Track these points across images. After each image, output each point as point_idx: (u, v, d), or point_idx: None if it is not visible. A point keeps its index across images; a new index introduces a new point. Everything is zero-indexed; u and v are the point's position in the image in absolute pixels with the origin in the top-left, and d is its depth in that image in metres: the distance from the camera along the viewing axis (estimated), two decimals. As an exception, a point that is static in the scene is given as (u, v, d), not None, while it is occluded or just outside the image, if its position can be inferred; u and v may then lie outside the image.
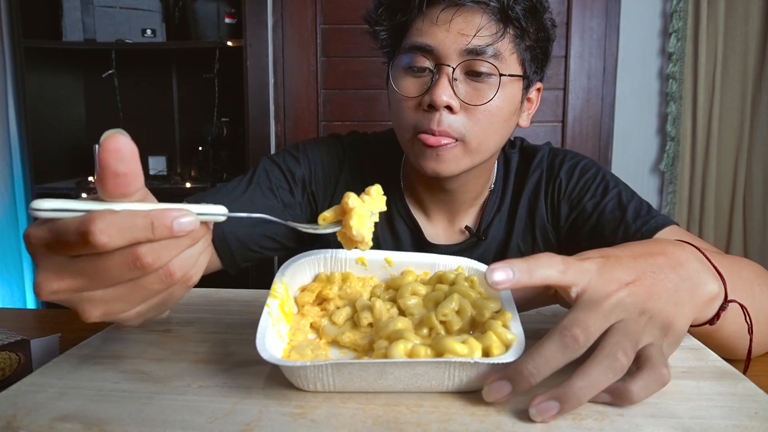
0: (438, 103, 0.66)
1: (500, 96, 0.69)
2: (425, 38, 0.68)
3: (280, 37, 2.13)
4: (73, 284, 0.34)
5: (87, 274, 0.34)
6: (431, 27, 0.68)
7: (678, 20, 1.99)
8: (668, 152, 2.07)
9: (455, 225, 0.83)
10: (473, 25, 0.66)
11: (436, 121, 0.67)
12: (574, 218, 0.79)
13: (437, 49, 0.67)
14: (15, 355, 0.51)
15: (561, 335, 0.38)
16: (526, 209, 0.82)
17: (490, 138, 0.71)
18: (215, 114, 2.02)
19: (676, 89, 2.02)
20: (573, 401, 0.36)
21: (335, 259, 0.54)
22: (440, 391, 0.40)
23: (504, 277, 0.39)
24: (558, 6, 2.08)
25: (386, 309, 0.47)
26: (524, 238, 0.82)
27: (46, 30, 2.02)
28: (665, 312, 0.41)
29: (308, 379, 0.39)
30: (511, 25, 0.68)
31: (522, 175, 0.84)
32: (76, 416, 0.37)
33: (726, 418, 0.37)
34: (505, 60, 0.68)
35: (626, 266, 0.42)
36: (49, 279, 0.34)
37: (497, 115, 0.70)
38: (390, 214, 0.82)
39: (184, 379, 0.42)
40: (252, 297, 0.62)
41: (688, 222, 2.05)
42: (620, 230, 0.73)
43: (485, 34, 0.66)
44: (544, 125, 2.15)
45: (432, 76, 0.68)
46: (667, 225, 0.72)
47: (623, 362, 0.37)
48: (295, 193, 0.81)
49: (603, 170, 0.81)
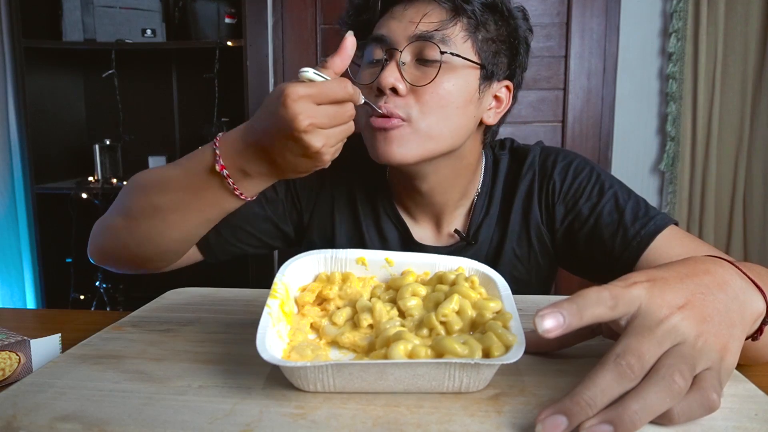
0: (383, 84, 0.67)
1: (450, 80, 0.69)
2: (380, 30, 0.71)
3: (280, 37, 2.13)
4: (321, 122, 0.52)
5: (330, 115, 0.53)
6: (387, 20, 0.72)
7: (678, 20, 1.99)
8: (668, 152, 2.07)
9: (442, 228, 0.83)
10: (422, 13, 0.69)
11: (383, 101, 0.68)
12: (570, 221, 0.78)
13: (388, 37, 0.70)
14: (15, 355, 0.51)
15: (615, 364, 0.36)
16: (520, 213, 0.81)
17: (442, 123, 0.70)
18: (215, 114, 2.02)
19: (676, 89, 2.02)
20: (627, 425, 0.34)
21: (335, 259, 0.54)
22: (441, 392, 0.40)
23: (554, 323, 0.37)
24: (558, 6, 2.08)
25: (386, 311, 0.47)
26: (519, 242, 0.81)
27: (46, 30, 2.02)
28: (720, 335, 0.39)
29: (308, 379, 0.39)
30: (463, 15, 0.70)
31: (513, 177, 0.83)
32: (76, 416, 0.37)
33: (726, 419, 0.37)
34: (456, 46, 0.69)
35: (675, 289, 0.40)
36: (308, 115, 0.51)
37: (447, 98, 0.69)
38: (377, 215, 0.83)
39: (185, 379, 0.42)
40: (252, 297, 0.62)
41: (688, 222, 2.05)
42: (619, 233, 0.73)
43: (434, 20, 0.69)
44: (544, 125, 2.15)
45: (384, 61, 0.70)
46: (666, 226, 0.72)
47: (681, 385, 0.35)
48: (279, 191, 0.82)
49: (597, 169, 0.80)
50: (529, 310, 0.57)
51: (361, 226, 0.82)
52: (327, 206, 0.83)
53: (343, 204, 0.83)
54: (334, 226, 0.83)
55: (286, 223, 0.83)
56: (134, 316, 0.57)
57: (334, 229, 0.83)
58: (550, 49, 2.09)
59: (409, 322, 0.46)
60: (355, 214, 0.83)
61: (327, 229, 0.83)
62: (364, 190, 0.83)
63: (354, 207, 0.83)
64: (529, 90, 2.13)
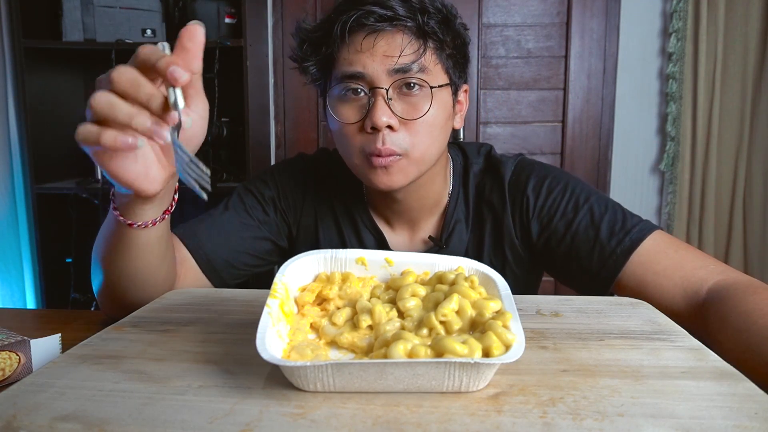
0: (379, 125, 0.70)
1: (434, 106, 0.73)
2: (355, 66, 0.71)
3: (280, 37, 2.13)
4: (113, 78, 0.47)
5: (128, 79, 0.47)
6: (357, 55, 0.71)
7: (678, 20, 1.99)
8: (668, 152, 2.07)
9: (417, 234, 0.85)
10: (395, 46, 0.70)
11: (381, 140, 0.71)
12: (546, 237, 0.78)
13: (368, 75, 0.71)
14: (15, 355, 0.51)
15: None
16: (491, 225, 0.82)
17: (432, 146, 0.74)
18: (215, 114, 2.01)
19: (676, 89, 2.02)
20: None
21: (335, 259, 0.54)
22: (440, 391, 0.40)
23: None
24: (558, 6, 2.08)
25: (385, 312, 0.47)
26: (495, 252, 0.83)
27: (46, 30, 2.02)
28: None
29: (308, 379, 0.39)
30: (429, 39, 0.72)
31: (484, 187, 0.84)
32: (76, 416, 0.37)
33: (726, 418, 0.37)
34: (431, 72, 0.72)
35: None
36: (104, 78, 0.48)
37: (434, 124, 0.73)
38: (356, 227, 0.86)
39: (184, 379, 0.42)
40: (252, 297, 0.62)
41: (688, 222, 2.05)
42: (596, 251, 0.73)
43: (408, 52, 0.71)
44: (544, 125, 2.15)
45: (368, 98, 0.72)
46: (645, 237, 0.71)
47: None
48: (268, 212, 0.86)
49: (572, 184, 0.79)
50: (530, 310, 0.57)
51: (343, 235, 0.86)
52: (311, 218, 0.87)
53: (325, 216, 0.87)
54: (318, 238, 0.87)
55: (282, 239, 0.87)
56: (134, 316, 0.56)
57: (318, 240, 0.87)
58: (550, 49, 2.09)
59: (408, 323, 0.46)
60: (337, 224, 0.87)
61: (312, 240, 0.87)
62: (343, 201, 0.86)
63: (335, 218, 0.87)
64: (529, 90, 2.13)
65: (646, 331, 0.52)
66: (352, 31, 0.71)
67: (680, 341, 0.49)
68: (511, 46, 2.09)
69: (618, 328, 0.52)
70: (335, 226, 0.87)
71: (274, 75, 2.15)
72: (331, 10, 0.74)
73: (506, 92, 2.13)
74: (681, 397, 0.39)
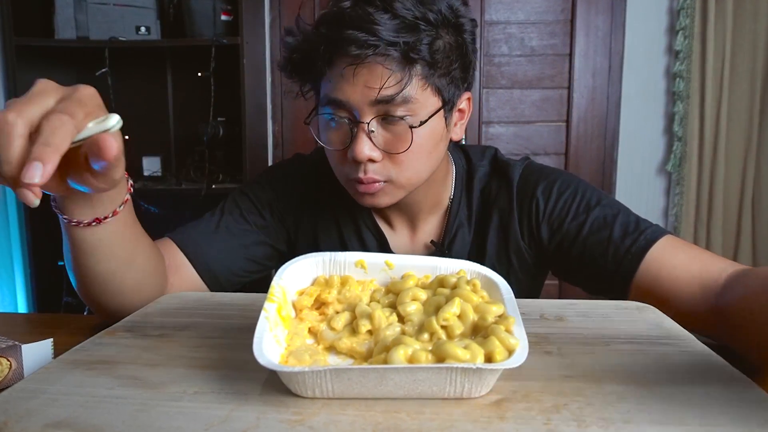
0: (360, 158, 0.69)
1: (418, 134, 0.70)
2: (337, 93, 0.70)
3: (278, 35, 2.12)
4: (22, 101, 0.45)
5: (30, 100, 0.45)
6: (340, 81, 0.69)
7: (685, 17, 1.97)
8: (675, 152, 2.05)
9: (418, 234, 0.84)
10: (377, 76, 0.67)
11: (362, 171, 0.71)
12: (558, 241, 0.77)
13: (348, 104, 0.69)
14: (6, 360, 0.50)
15: None
16: (498, 229, 0.81)
17: (419, 171, 0.73)
18: (211, 113, 2.00)
19: (683, 88, 2.00)
20: None
21: (334, 262, 0.54)
22: (442, 397, 0.39)
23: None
24: (563, 3, 2.07)
25: (386, 316, 0.46)
26: (499, 257, 0.81)
27: (38, 28, 2.00)
28: None
29: (306, 385, 0.38)
30: (417, 64, 0.68)
31: (490, 191, 0.83)
32: (68, 423, 0.36)
33: (735, 425, 0.36)
34: (418, 101, 0.69)
35: None
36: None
37: (420, 151, 0.71)
38: (357, 227, 0.85)
39: (180, 385, 0.41)
40: (249, 301, 0.62)
41: (695, 224, 2.04)
42: (610, 251, 0.72)
43: (390, 84, 0.67)
44: (548, 125, 2.14)
45: (351, 127, 0.70)
46: (658, 239, 0.70)
47: None
48: (265, 216, 0.85)
49: (582, 187, 0.79)
50: (533, 314, 0.56)
51: (343, 236, 0.85)
52: (310, 220, 0.86)
53: (325, 217, 0.86)
54: (318, 239, 0.86)
55: (281, 243, 0.86)
56: (128, 321, 0.56)
57: (318, 242, 0.85)
58: (554, 47, 2.08)
59: (409, 327, 0.45)
60: (337, 225, 0.86)
61: (312, 242, 0.86)
62: (343, 202, 0.85)
63: (335, 218, 0.86)
64: (532, 89, 2.12)
65: (652, 335, 0.51)
66: (333, 58, 0.69)
67: (688, 346, 0.48)
68: (514, 43, 2.08)
69: (624, 332, 0.51)
70: (335, 226, 0.86)
71: (272, 74, 2.14)
72: (315, 20, 0.71)
73: (509, 91, 2.12)
74: (689, 403, 0.39)
